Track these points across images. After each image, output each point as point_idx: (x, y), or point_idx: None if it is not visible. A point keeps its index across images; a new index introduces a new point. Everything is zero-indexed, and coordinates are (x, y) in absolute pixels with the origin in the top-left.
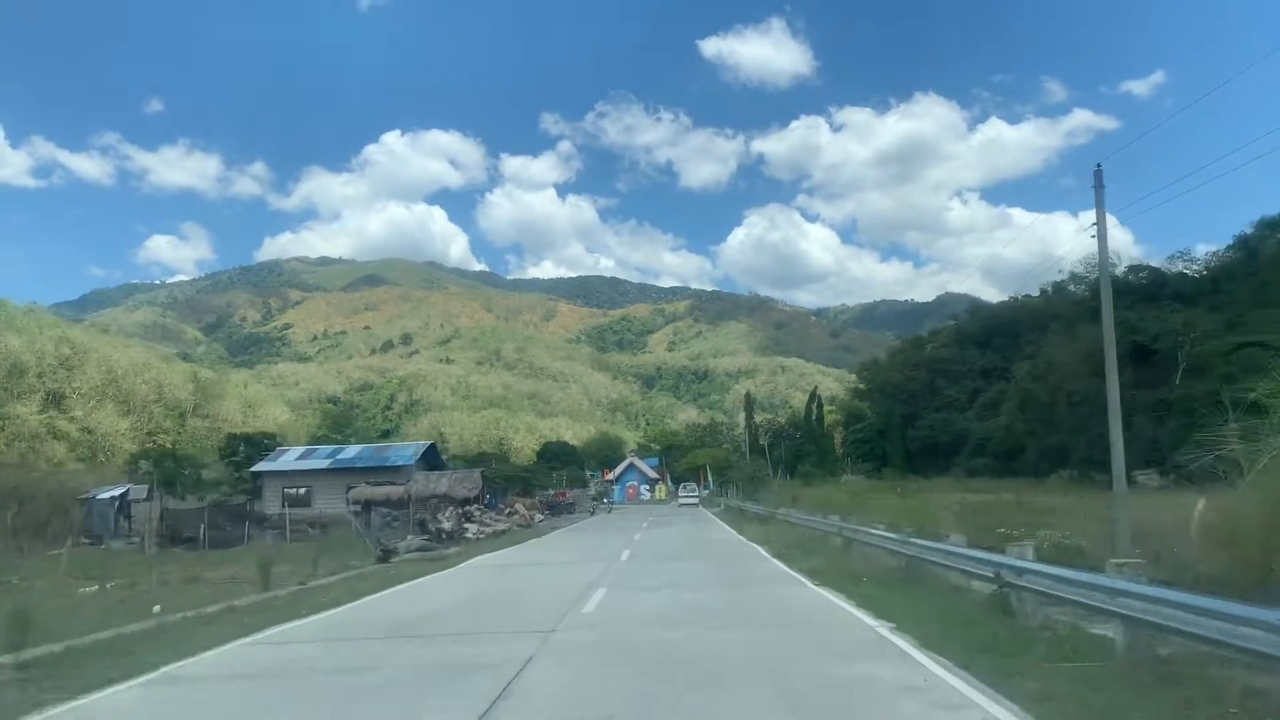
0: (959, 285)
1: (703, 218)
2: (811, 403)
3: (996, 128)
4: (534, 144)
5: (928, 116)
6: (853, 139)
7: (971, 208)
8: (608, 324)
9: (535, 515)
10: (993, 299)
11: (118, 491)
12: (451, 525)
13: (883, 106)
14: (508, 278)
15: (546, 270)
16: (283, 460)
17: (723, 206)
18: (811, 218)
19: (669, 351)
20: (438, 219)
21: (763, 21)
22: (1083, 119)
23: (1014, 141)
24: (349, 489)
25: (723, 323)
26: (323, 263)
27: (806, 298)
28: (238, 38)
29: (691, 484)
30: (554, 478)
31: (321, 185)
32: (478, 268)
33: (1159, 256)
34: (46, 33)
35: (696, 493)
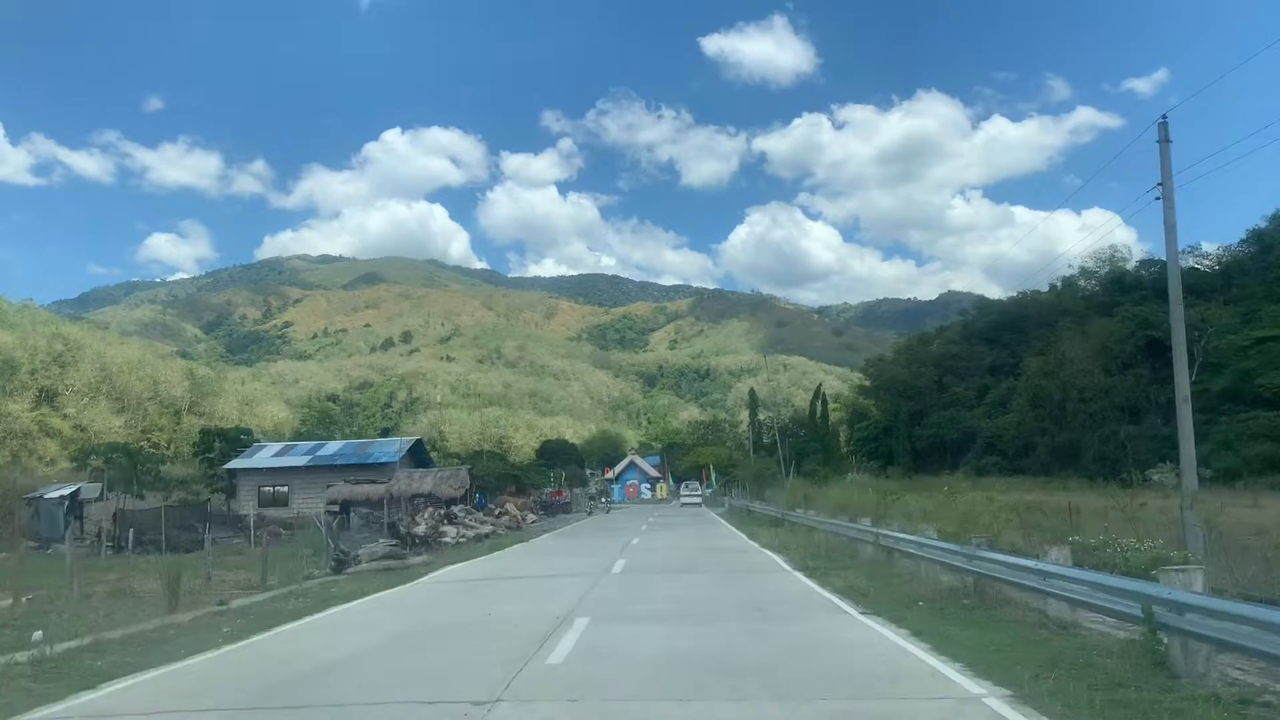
0: (961, 284)
1: (704, 216)
2: (816, 400)
3: (999, 125)
4: (535, 141)
5: (930, 114)
6: (855, 137)
7: (974, 206)
8: (609, 322)
9: (528, 516)
10: (995, 297)
11: (67, 490)
12: (425, 529)
13: (885, 104)
14: (509, 276)
15: (548, 268)
16: (259, 457)
17: (724, 204)
18: (813, 216)
19: (670, 350)
20: (438, 217)
21: (765, 18)
22: (1086, 116)
23: (1017, 139)
24: (329, 487)
25: (724, 321)
26: (323, 261)
27: (808, 296)
28: (238, 35)
29: (694, 483)
30: (551, 476)
31: (322, 183)
32: (479, 266)
33: (1161, 257)
34: (46, 30)
35: (699, 492)
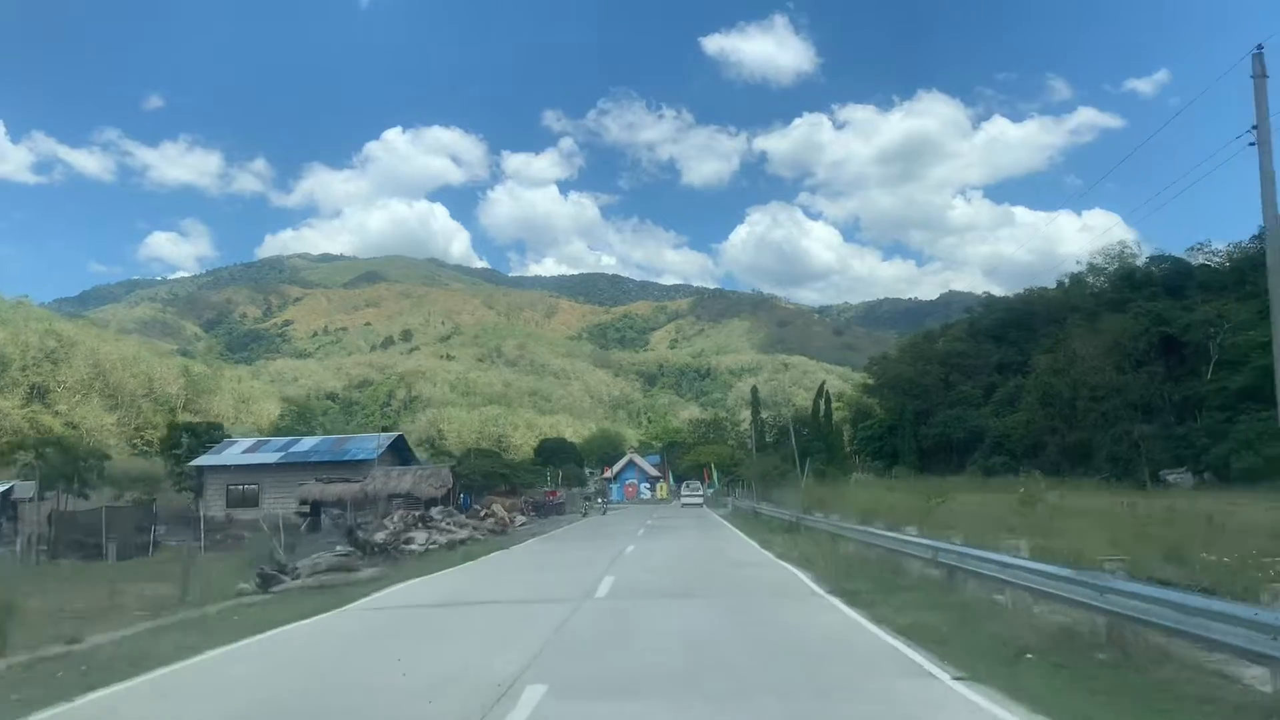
0: (962, 284)
1: (705, 215)
2: (819, 399)
3: (1000, 125)
4: (536, 141)
5: (931, 114)
6: (856, 136)
7: (975, 206)
8: (609, 321)
9: (516, 518)
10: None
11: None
12: (385, 536)
13: (886, 104)
14: (509, 275)
15: (548, 267)
16: (228, 454)
17: (725, 204)
18: (814, 215)
19: (671, 349)
20: (439, 216)
21: (765, 18)
22: (1087, 117)
23: (1017, 139)
24: (300, 486)
25: (725, 320)
26: (324, 259)
27: (809, 295)
28: (238, 34)
29: (695, 482)
30: (546, 475)
31: (322, 182)
32: (479, 265)
33: (1171, 253)
34: (47, 29)
35: (701, 492)
